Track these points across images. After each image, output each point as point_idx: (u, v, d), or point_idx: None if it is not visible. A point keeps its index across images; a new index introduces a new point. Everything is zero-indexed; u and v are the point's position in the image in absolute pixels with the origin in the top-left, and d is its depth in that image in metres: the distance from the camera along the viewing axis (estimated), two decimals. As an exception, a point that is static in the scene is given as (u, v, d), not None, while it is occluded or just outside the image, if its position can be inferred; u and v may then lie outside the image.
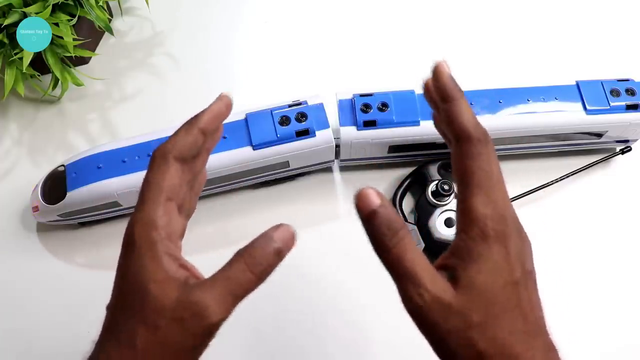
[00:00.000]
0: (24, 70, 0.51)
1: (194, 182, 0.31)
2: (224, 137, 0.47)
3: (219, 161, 0.47)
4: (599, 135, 0.51)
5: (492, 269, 0.25)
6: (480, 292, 0.25)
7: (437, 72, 0.28)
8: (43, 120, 0.59)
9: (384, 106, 0.48)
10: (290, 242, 0.27)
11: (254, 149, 0.47)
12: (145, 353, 0.25)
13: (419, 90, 0.49)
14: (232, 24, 0.65)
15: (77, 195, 0.47)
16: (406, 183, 0.51)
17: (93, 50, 0.62)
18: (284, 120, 0.47)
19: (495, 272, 0.25)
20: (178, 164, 0.28)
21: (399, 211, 0.50)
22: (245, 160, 0.47)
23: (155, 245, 0.26)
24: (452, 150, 0.28)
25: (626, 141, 0.53)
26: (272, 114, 0.48)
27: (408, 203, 0.52)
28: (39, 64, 0.54)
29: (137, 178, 0.46)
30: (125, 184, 0.47)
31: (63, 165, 0.49)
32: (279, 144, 0.47)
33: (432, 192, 0.49)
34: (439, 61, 0.28)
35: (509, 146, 0.52)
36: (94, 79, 0.60)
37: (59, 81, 0.55)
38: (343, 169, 0.55)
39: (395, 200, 0.50)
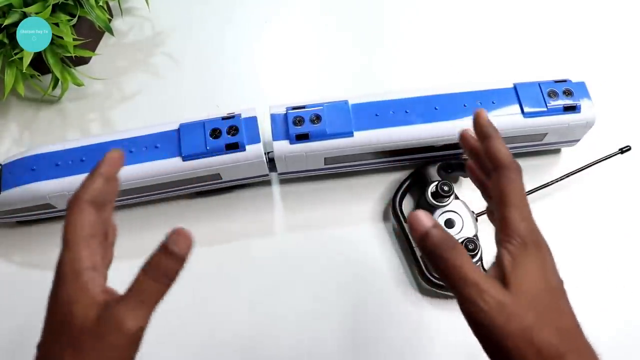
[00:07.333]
0: (24, 70, 0.51)
1: (107, 231, 0.34)
2: (156, 147, 0.47)
3: (149, 170, 0.47)
4: (542, 136, 0.50)
5: (534, 274, 0.29)
6: (529, 295, 0.28)
7: (477, 116, 0.34)
8: (43, 120, 0.59)
9: (316, 118, 0.47)
10: (186, 244, 0.29)
11: (183, 160, 0.47)
12: None
13: (352, 101, 0.48)
14: (232, 24, 0.65)
15: (10, 195, 0.47)
16: (406, 184, 0.51)
17: (93, 50, 0.62)
18: (215, 133, 0.47)
19: (537, 276, 0.29)
20: (91, 207, 0.31)
21: (399, 212, 0.50)
22: (174, 171, 0.47)
23: (80, 275, 0.29)
24: (492, 178, 0.33)
25: (572, 141, 0.52)
26: (204, 125, 0.47)
27: (408, 204, 0.52)
28: (39, 64, 0.54)
29: (68, 181, 0.47)
30: (57, 187, 0.47)
31: (0, 165, 0.49)
32: (208, 156, 0.47)
33: (432, 193, 0.49)
34: (479, 109, 0.34)
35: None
36: (94, 79, 0.60)
37: (59, 81, 0.55)
38: (283, 181, 0.54)
39: (395, 202, 0.50)
